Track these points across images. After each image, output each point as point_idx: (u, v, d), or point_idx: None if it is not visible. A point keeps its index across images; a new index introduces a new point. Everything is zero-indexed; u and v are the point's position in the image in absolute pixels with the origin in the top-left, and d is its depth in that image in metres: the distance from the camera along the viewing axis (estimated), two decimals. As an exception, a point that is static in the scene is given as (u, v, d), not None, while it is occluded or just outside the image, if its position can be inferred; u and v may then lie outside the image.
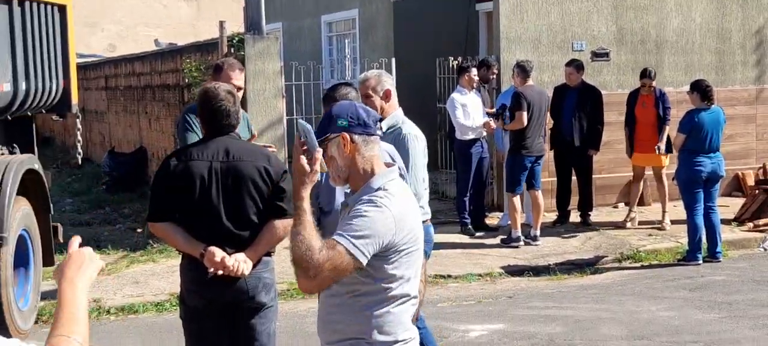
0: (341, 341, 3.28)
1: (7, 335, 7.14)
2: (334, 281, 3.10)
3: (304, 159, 3.12)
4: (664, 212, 11.16)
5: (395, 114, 5.37)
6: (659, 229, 11.03)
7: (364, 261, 3.08)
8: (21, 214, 7.39)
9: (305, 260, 3.02)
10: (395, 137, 5.23)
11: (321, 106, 11.88)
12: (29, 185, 7.77)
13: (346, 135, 3.22)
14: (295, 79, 11.74)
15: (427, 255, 5.59)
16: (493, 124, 10.67)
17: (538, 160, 10.45)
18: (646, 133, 11.02)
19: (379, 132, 3.31)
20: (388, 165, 3.35)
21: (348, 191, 3.37)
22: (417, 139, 5.27)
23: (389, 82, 5.43)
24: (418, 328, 5.59)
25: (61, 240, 8.44)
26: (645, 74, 11.06)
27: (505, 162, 10.77)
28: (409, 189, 3.49)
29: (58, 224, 8.36)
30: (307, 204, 3.11)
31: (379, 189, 3.20)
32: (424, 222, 5.33)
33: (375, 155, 3.27)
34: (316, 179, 3.17)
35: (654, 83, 11.05)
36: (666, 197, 11.14)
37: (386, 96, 5.33)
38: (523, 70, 10.49)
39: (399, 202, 3.21)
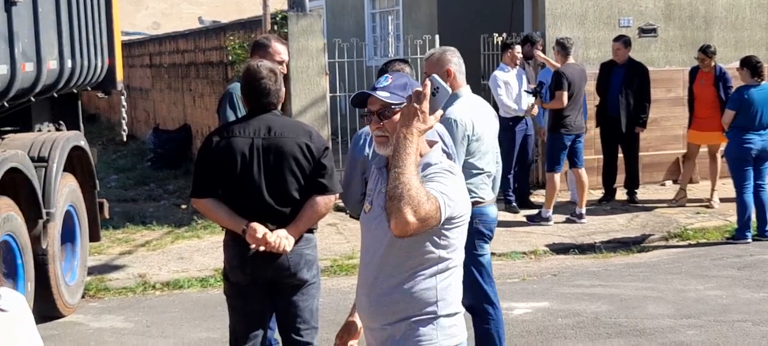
0: (403, 320, 3.21)
1: (55, 309, 7.23)
2: (423, 231, 3.02)
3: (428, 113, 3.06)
4: (713, 189, 10.99)
5: (455, 94, 5.28)
6: (708, 207, 10.87)
7: (443, 220, 3.05)
8: (68, 190, 7.46)
9: (416, 202, 2.92)
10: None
11: (364, 83, 11.89)
12: (75, 162, 7.85)
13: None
14: (338, 56, 11.71)
15: (492, 235, 5.56)
16: (534, 109, 10.56)
17: (578, 138, 10.32)
18: (703, 111, 10.82)
19: None
20: (430, 143, 3.31)
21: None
22: (455, 125, 5.18)
23: (452, 60, 5.31)
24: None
25: (107, 216, 8.52)
26: (701, 50, 10.86)
27: (546, 140, 10.67)
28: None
29: (104, 200, 8.44)
30: (416, 150, 3.02)
31: (438, 162, 3.20)
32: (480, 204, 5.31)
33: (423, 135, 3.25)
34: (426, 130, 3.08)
35: (713, 61, 10.81)
36: (717, 174, 10.97)
37: (446, 74, 5.26)
38: (563, 47, 10.36)
39: (460, 174, 3.25)
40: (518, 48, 10.84)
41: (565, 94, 10.04)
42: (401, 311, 3.21)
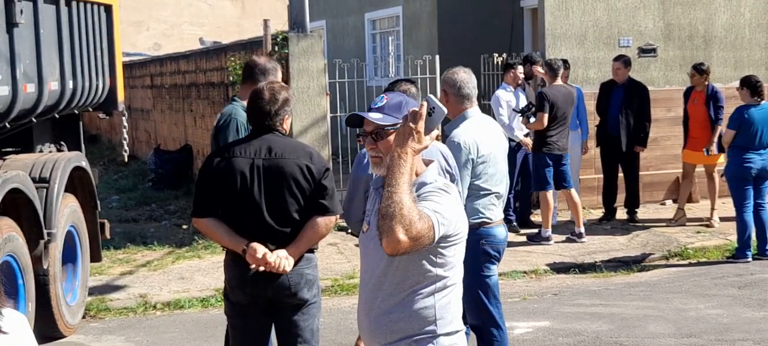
0: (403, 339, 3.23)
1: (56, 330, 7.23)
2: (416, 249, 3.04)
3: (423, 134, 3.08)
4: (712, 209, 11.00)
5: (463, 115, 5.33)
6: (708, 226, 10.88)
7: (437, 239, 3.07)
8: (69, 210, 7.47)
9: (408, 221, 2.94)
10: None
11: (365, 103, 11.91)
12: (77, 182, 7.87)
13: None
14: (339, 76, 11.75)
15: (500, 256, 5.54)
16: (528, 140, 10.58)
17: (562, 160, 10.28)
18: (696, 130, 10.87)
19: None
20: (426, 162, 3.33)
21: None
22: (459, 148, 5.20)
23: (455, 79, 5.35)
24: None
25: (108, 236, 8.53)
26: (693, 67, 10.91)
27: (530, 162, 10.67)
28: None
29: (105, 221, 8.45)
30: (410, 169, 3.04)
31: (433, 182, 3.22)
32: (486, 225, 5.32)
33: (419, 154, 3.27)
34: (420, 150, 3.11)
35: (706, 80, 10.84)
36: (716, 194, 10.98)
37: (444, 94, 5.32)
38: (551, 68, 10.37)
39: (456, 193, 3.27)
40: (521, 68, 10.87)
41: (545, 116, 10.04)
42: (401, 330, 3.22)
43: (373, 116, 3.29)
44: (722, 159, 10.86)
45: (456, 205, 3.21)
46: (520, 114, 10.47)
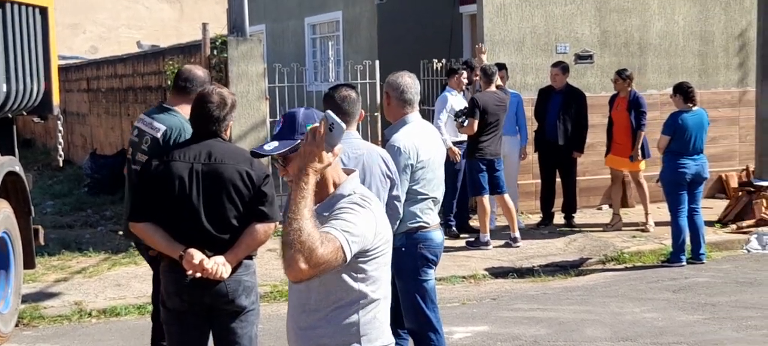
0: None
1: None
2: (322, 274, 2.99)
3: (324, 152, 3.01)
4: (646, 213, 11.17)
5: (403, 120, 5.35)
6: (643, 230, 11.05)
7: (349, 258, 3.02)
8: (2, 216, 7.32)
9: (308, 248, 2.89)
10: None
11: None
12: (10, 187, 7.71)
13: None
14: (279, 81, 11.70)
15: (437, 260, 5.53)
16: (455, 150, 10.65)
17: (495, 165, 10.36)
18: (619, 135, 11.07)
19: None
20: (347, 171, 3.31)
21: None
22: (399, 152, 5.22)
23: (398, 83, 5.37)
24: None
25: (42, 242, 8.38)
26: (617, 73, 11.12)
27: (464, 168, 10.73)
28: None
29: (39, 227, 8.30)
30: (311, 191, 2.98)
31: (351, 194, 3.18)
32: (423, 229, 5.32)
33: (338, 164, 3.25)
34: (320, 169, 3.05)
35: (629, 86, 11.02)
36: (647, 199, 11.15)
37: (386, 96, 5.37)
38: (484, 73, 10.45)
39: (376, 205, 3.22)
40: (465, 73, 10.96)
41: (475, 122, 10.09)
42: (325, 345, 3.21)
43: (268, 148, 3.25)
44: (644, 165, 11.06)
45: (373, 219, 3.14)
46: (455, 118, 10.53)
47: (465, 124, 10.27)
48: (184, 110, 5.33)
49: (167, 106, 5.65)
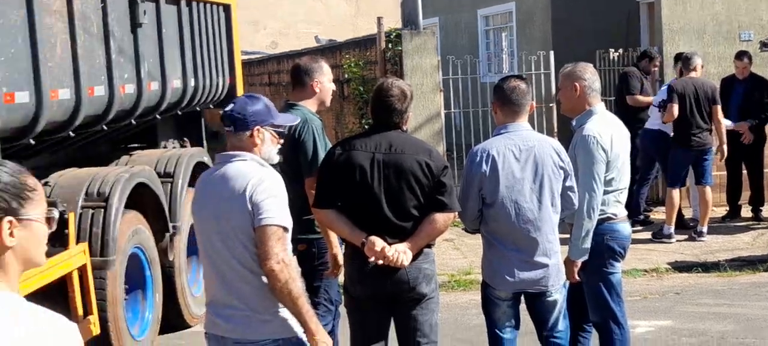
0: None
1: (182, 320, 7.42)
2: None
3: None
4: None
5: (589, 110, 5.24)
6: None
7: None
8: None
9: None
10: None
11: (479, 100, 11.87)
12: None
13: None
14: (452, 73, 11.72)
15: (624, 253, 5.38)
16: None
17: (703, 155, 9.97)
18: None
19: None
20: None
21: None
22: (595, 141, 5.11)
23: (584, 76, 5.23)
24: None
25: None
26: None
27: (669, 155, 10.38)
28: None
29: None
30: None
31: None
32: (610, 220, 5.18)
33: None
34: None
35: None
36: None
37: (574, 89, 5.24)
38: (679, 61, 10.16)
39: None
40: (657, 59, 10.94)
41: (675, 107, 9.72)
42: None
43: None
44: None
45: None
46: (658, 109, 10.18)
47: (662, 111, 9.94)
48: (309, 104, 5.40)
49: (292, 103, 5.48)
